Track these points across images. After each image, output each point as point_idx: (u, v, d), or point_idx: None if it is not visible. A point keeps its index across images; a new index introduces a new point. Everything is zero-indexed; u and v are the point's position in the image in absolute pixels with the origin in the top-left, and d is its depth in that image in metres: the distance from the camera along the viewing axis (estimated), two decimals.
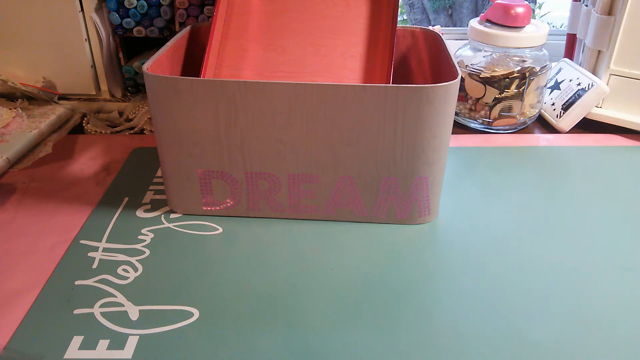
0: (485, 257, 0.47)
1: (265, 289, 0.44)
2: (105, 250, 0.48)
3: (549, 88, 0.74)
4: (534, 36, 0.66)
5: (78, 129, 0.70)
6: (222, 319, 0.41)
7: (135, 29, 0.71)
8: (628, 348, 0.38)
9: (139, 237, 0.50)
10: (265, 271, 0.45)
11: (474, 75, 0.68)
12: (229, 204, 0.52)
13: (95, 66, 0.73)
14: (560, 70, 0.75)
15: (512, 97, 0.67)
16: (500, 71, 0.66)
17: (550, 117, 0.72)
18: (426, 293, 0.43)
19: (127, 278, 0.45)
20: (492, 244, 0.49)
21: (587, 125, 0.71)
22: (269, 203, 0.51)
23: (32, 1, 0.68)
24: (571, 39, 0.77)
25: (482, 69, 0.67)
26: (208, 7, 0.69)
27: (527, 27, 0.67)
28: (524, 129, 0.71)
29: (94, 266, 0.46)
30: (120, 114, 0.73)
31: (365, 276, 0.45)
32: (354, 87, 0.44)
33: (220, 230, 0.51)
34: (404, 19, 2.42)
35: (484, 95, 0.68)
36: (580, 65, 0.73)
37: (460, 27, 1.03)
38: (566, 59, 0.76)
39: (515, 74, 0.66)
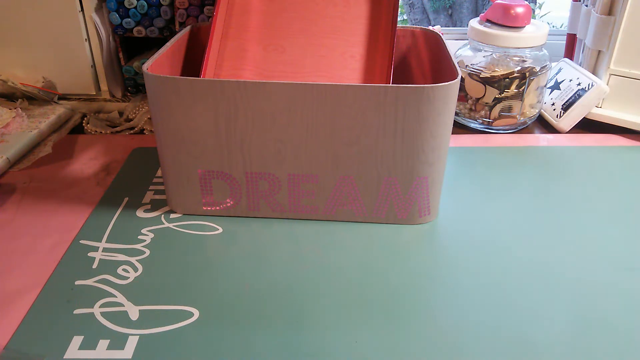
0: (485, 257, 0.47)
1: (265, 289, 0.44)
2: (105, 250, 0.48)
3: (549, 88, 0.74)
4: (534, 36, 0.66)
5: (78, 129, 0.70)
6: (222, 319, 0.41)
7: (135, 29, 0.71)
8: (629, 348, 0.38)
9: (139, 237, 0.50)
10: (265, 271, 0.45)
11: (474, 75, 0.68)
12: (229, 204, 0.52)
13: (95, 66, 0.73)
14: (560, 70, 0.75)
15: (512, 97, 0.67)
16: (500, 71, 0.66)
17: (550, 117, 0.72)
18: (426, 293, 0.43)
19: (127, 278, 0.45)
20: (492, 244, 0.49)
21: (587, 125, 0.71)
22: (269, 203, 0.51)
23: (32, 1, 0.68)
24: (571, 39, 0.77)
25: (482, 69, 0.67)
26: (208, 7, 0.69)
27: (527, 27, 0.67)
28: (524, 129, 0.71)
29: (94, 266, 0.46)
30: (120, 114, 0.73)
31: (365, 276, 0.45)
32: (354, 87, 0.44)
33: (220, 230, 0.51)
34: (404, 19, 2.42)
35: (484, 95, 0.68)
36: (580, 65, 0.73)
37: (460, 27, 1.03)
38: (566, 59, 0.76)
39: (515, 74, 0.66)
